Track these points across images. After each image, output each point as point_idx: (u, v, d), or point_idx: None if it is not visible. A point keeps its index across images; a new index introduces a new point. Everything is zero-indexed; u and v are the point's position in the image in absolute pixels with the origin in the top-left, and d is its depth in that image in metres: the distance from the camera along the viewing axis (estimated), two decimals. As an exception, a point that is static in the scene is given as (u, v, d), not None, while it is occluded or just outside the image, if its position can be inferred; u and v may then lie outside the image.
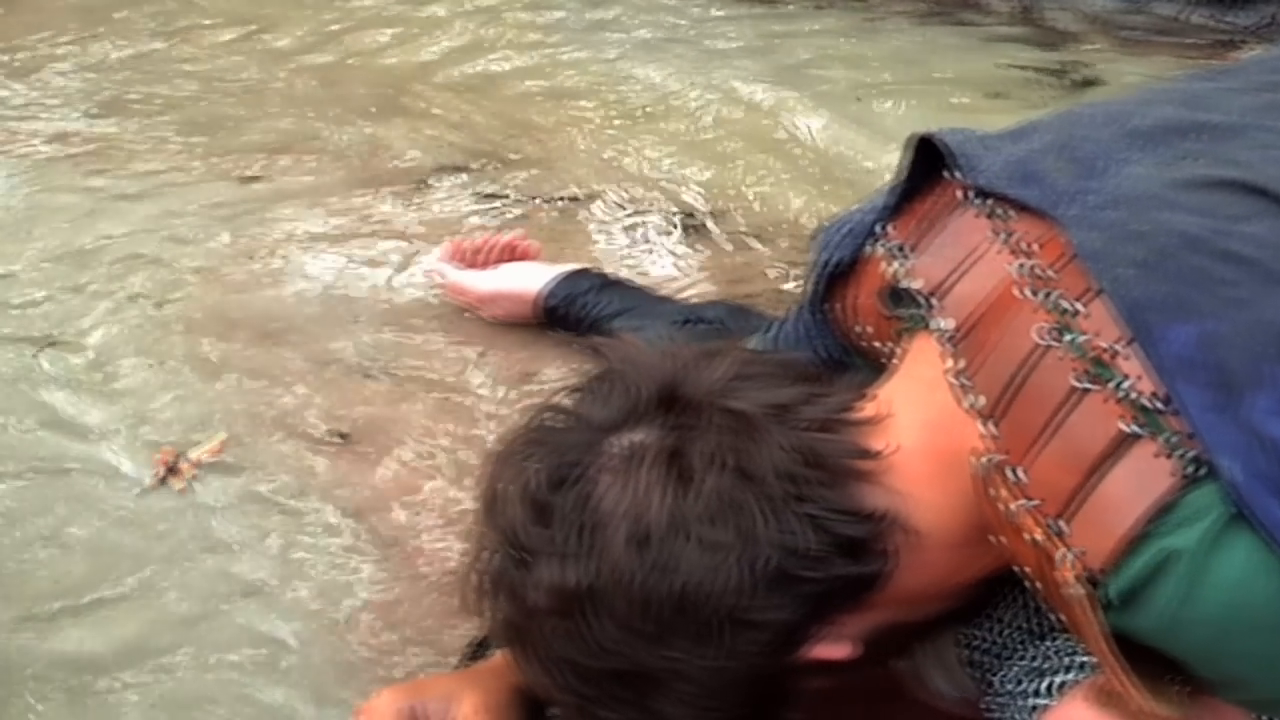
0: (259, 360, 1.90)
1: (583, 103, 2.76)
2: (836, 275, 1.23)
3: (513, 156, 2.52)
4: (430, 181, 2.42)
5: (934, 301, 1.06)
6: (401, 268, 2.13)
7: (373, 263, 2.15)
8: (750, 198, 2.34)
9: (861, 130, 2.59)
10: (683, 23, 3.20)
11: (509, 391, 1.82)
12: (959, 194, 1.10)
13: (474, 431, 1.75)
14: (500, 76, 2.92)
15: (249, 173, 2.48)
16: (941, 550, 1.02)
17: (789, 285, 2.03)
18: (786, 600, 0.98)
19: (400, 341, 1.94)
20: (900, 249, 1.13)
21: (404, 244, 2.20)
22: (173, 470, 1.72)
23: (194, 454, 1.73)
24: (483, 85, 2.87)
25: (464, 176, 2.44)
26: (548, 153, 2.53)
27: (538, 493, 1.00)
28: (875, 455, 1.01)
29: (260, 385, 1.84)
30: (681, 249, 2.17)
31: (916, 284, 1.08)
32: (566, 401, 1.09)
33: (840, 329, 1.26)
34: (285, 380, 1.85)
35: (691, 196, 2.35)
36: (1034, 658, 1.08)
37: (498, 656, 1.26)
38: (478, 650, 1.35)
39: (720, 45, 3.04)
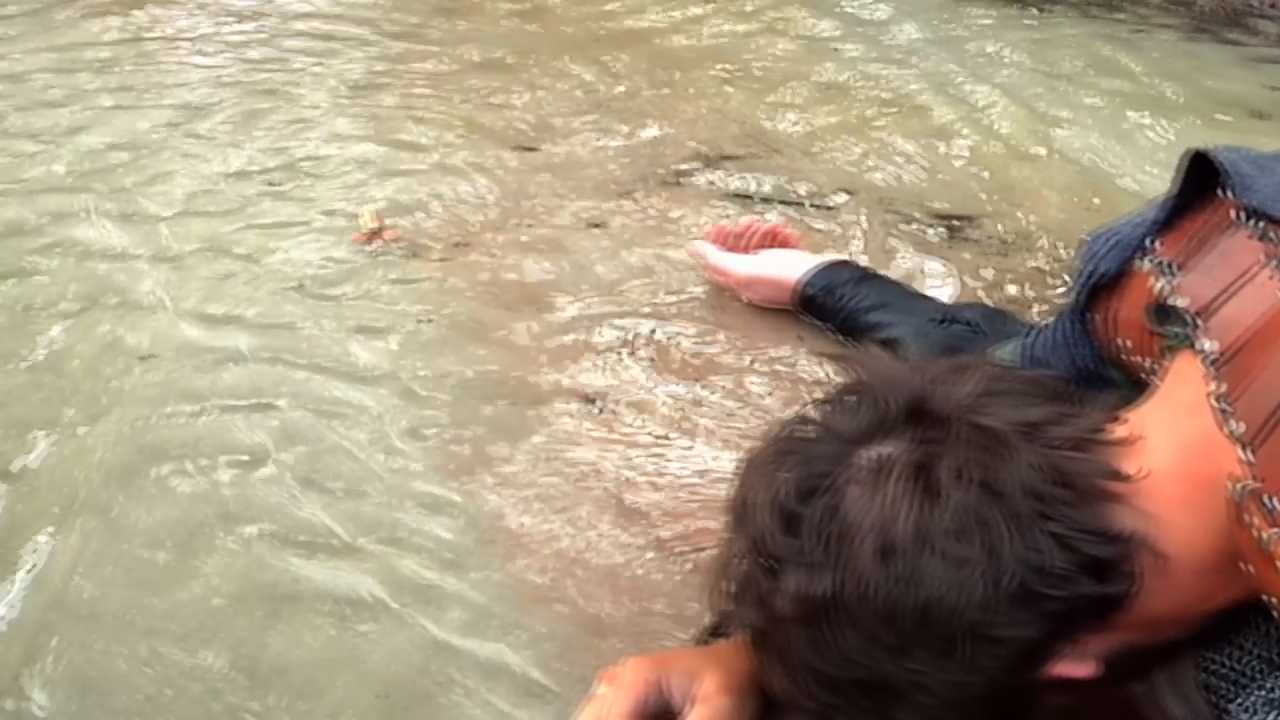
0: (518, 326, 1.97)
1: (843, 102, 2.77)
2: (1100, 286, 1.21)
3: (772, 150, 2.54)
4: (690, 171, 2.46)
5: (1200, 322, 1.04)
6: (658, 248, 2.18)
7: (629, 242, 2.20)
8: (1008, 204, 2.31)
9: (1123, 142, 2.54)
10: (947, 25, 3.17)
11: (758, 376, 1.84)
12: (1231, 214, 1.07)
13: (722, 415, 1.77)
14: (765, 70, 2.94)
15: (525, 144, 2.57)
16: (1189, 575, 1.01)
17: (1044, 293, 2.00)
18: (1029, 617, 0.98)
19: (656, 319, 1.98)
20: (1168, 265, 1.11)
21: (660, 228, 2.25)
22: (377, 236, 2.16)
23: (365, 229, 2.18)
24: (748, 78, 2.89)
25: (722, 169, 2.47)
26: (807, 148, 2.55)
27: (787, 502, 1.02)
28: (1125, 477, 1.00)
29: (520, 350, 1.91)
30: (937, 251, 2.16)
31: (1183, 302, 1.06)
32: (816, 412, 1.11)
33: (1100, 340, 1.25)
34: (543, 348, 1.92)
35: (949, 200, 2.33)
36: (1272, 688, 1.05)
37: (740, 636, 1.26)
38: (716, 629, 1.35)
39: (983, 50, 3.01)
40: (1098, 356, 1.27)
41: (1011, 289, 2.03)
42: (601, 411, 1.78)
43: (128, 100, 2.78)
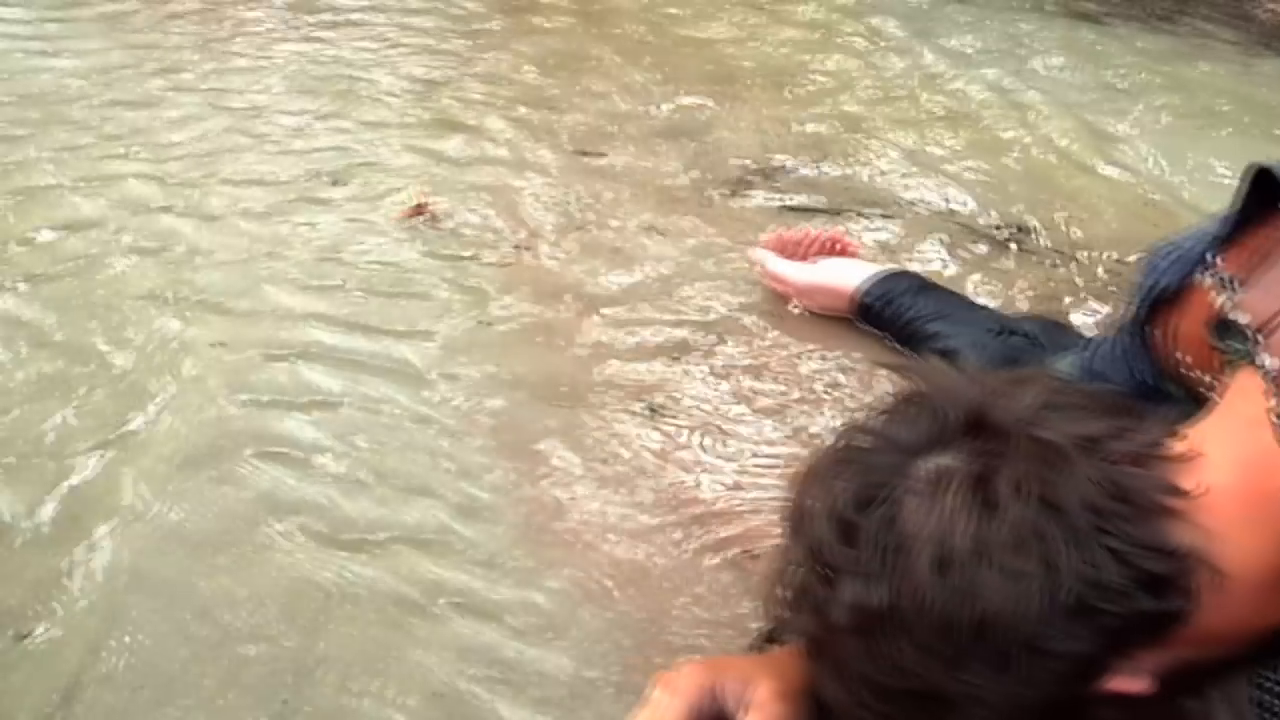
0: (575, 329, 1.98)
1: (901, 112, 2.78)
2: (1161, 301, 1.21)
3: (830, 159, 2.55)
4: (749, 178, 2.47)
5: (1260, 338, 1.03)
6: (716, 255, 2.19)
7: (688, 248, 2.22)
8: (1065, 216, 2.32)
9: (1181, 156, 2.54)
10: (1004, 37, 3.17)
11: (815, 384, 1.85)
12: None
13: (778, 422, 1.78)
14: (823, 80, 2.94)
15: (585, 148, 2.59)
16: (1247, 592, 1.00)
17: (1101, 306, 2.01)
18: (1085, 632, 0.97)
19: (713, 325, 1.99)
20: (1229, 280, 1.11)
21: (719, 235, 2.26)
22: (420, 212, 2.28)
23: (409, 205, 2.29)
24: (806, 87, 2.90)
25: (781, 177, 2.48)
26: (863, 159, 2.55)
27: (844, 512, 1.02)
28: (1184, 493, 1.00)
29: (575, 353, 1.93)
30: (993, 262, 2.16)
31: (1244, 318, 1.06)
32: (875, 422, 1.11)
33: (1159, 355, 1.24)
34: (598, 351, 1.93)
35: (1006, 210, 2.34)
36: (1326, 706, 1.05)
37: (794, 644, 1.25)
38: (771, 636, 1.35)
39: (1041, 61, 3.02)
40: (1157, 371, 1.26)
41: (1065, 302, 2.03)
42: (657, 416, 1.79)
43: (196, 99, 2.82)
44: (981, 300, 1.93)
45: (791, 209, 2.34)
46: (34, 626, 1.44)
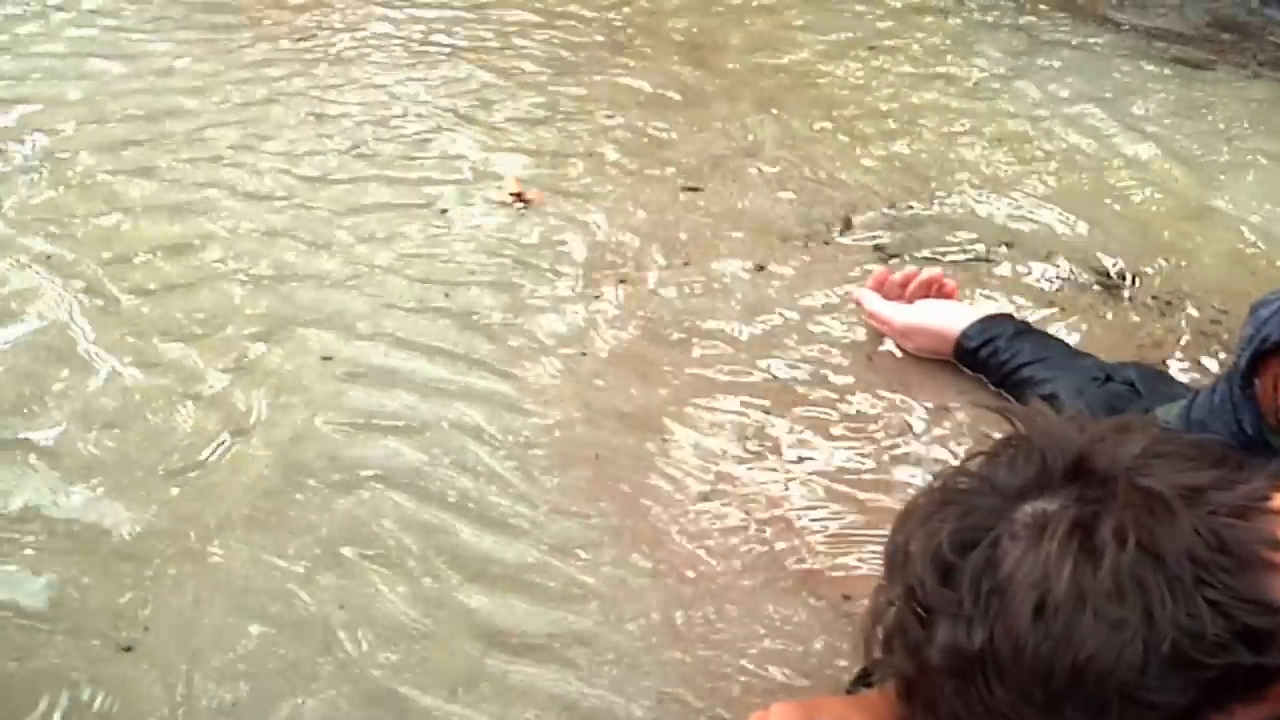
0: (673, 362, 2.00)
1: (1004, 156, 2.77)
2: (1265, 352, 1.20)
3: (933, 201, 2.55)
4: (851, 218, 2.47)
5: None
6: (817, 293, 2.20)
7: (788, 286, 2.23)
8: (1169, 263, 2.31)
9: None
10: (1109, 82, 3.15)
11: (914, 424, 1.85)
12: None
13: (876, 461, 1.79)
14: (927, 123, 2.93)
15: (690, 183, 2.62)
16: None
17: (1202, 357, 1.99)
18: (1182, 683, 0.97)
19: (813, 363, 2.00)
20: None
21: (820, 273, 2.27)
22: (522, 198, 2.50)
23: (513, 189, 2.53)
24: (911, 130, 2.90)
25: (884, 217, 2.48)
26: (965, 202, 2.55)
27: (944, 553, 1.03)
28: None
29: (673, 385, 1.94)
30: (1095, 308, 2.15)
31: (1351, 373, 1.05)
32: (977, 465, 1.11)
33: (1264, 407, 1.23)
34: (696, 385, 1.95)
35: (1109, 256, 2.32)
36: None
37: (888, 685, 1.25)
38: (864, 677, 1.36)
39: (1145, 107, 3.00)
40: (1260, 422, 1.25)
41: (1166, 350, 2.03)
42: (754, 451, 1.80)
43: (308, 122, 2.88)
44: (1082, 346, 1.92)
45: (891, 251, 2.35)
46: (138, 638, 1.49)
